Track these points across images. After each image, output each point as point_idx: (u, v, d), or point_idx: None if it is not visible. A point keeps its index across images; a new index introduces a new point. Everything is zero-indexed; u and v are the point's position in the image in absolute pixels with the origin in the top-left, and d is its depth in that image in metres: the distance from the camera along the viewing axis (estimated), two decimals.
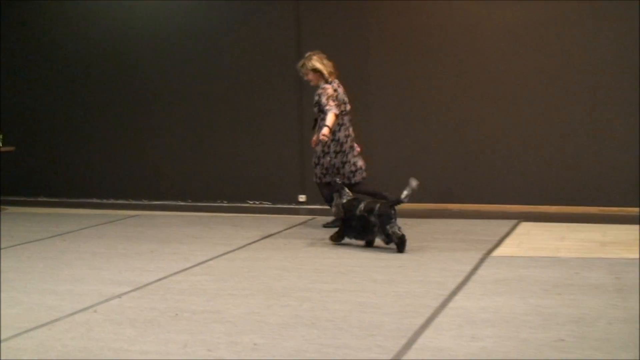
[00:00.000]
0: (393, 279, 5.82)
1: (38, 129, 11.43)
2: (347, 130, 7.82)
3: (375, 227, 6.85)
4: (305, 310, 5.02)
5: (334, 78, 7.85)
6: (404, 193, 6.84)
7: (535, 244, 7.05)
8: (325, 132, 7.48)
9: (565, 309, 4.89)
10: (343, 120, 7.78)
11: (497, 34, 9.06)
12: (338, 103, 7.67)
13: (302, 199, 9.86)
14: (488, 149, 9.16)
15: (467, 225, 8.12)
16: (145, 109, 10.80)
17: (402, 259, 6.50)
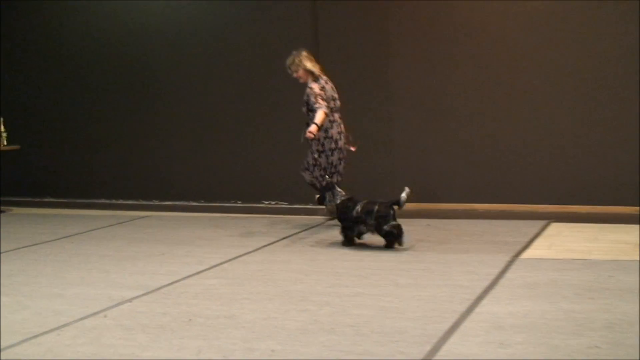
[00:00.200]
0: (417, 283, 5.82)
1: (44, 127, 11.50)
2: (339, 127, 8.15)
3: (372, 227, 7.05)
4: (325, 315, 5.02)
5: (322, 75, 8.19)
6: (402, 196, 7.01)
7: (566, 246, 7.02)
8: (313, 129, 7.76)
9: (599, 314, 4.87)
10: (334, 117, 8.10)
11: (520, 31, 9.03)
12: (327, 101, 7.96)
13: None
14: (516, 147, 9.13)
15: (494, 226, 8.10)
16: (157, 107, 10.85)
17: (426, 262, 6.49)
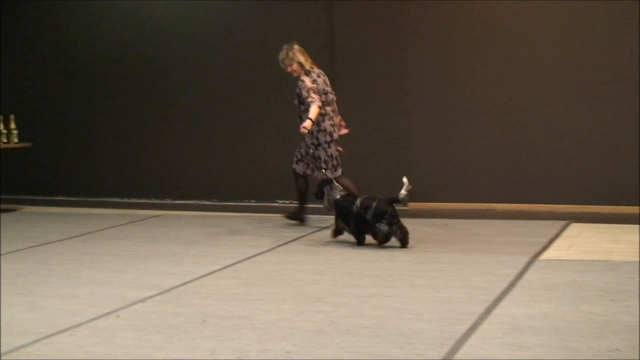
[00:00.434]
0: (433, 284, 5.82)
1: (56, 125, 11.57)
2: (331, 120, 8.28)
3: (369, 222, 7.15)
4: (340, 317, 5.03)
5: (314, 68, 8.32)
6: (402, 192, 7.06)
7: (587, 247, 7.01)
8: (307, 124, 7.94)
9: (620, 317, 4.86)
10: (325, 111, 8.22)
11: (540, 29, 9.03)
12: (319, 94, 8.11)
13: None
14: (534, 145, 9.12)
15: (512, 227, 8.10)
16: (169, 106, 10.90)
17: (443, 262, 6.49)
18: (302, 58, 8.29)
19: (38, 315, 5.32)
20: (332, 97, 8.32)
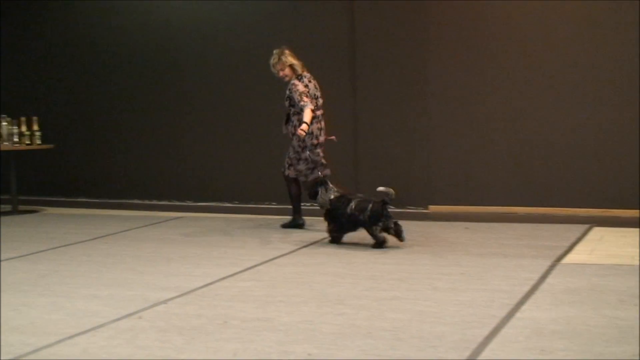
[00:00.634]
0: (455, 287, 5.81)
1: (78, 127, 11.65)
2: (319, 124, 8.34)
3: (365, 224, 7.28)
4: (362, 319, 5.04)
5: (305, 72, 8.40)
6: (387, 193, 7.21)
7: (609, 251, 6.98)
8: (305, 127, 8.01)
9: None
10: (315, 114, 8.26)
11: (564, 30, 9.00)
12: (311, 98, 8.19)
13: None
14: (556, 149, 9.08)
15: (534, 230, 8.07)
16: (191, 108, 10.95)
17: (464, 266, 6.48)
18: (294, 61, 8.36)
19: (61, 316, 5.35)
20: (321, 101, 8.38)
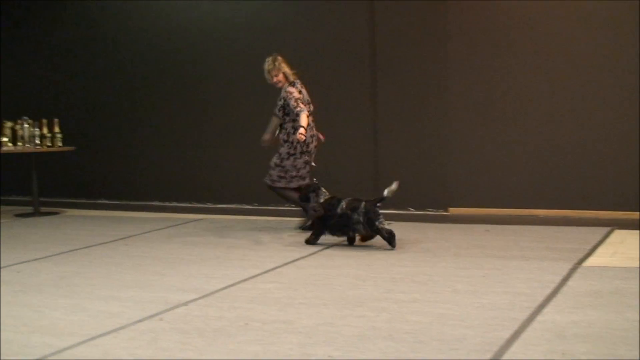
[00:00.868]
0: (476, 289, 5.80)
1: (99, 130, 11.72)
2: (311, 131, 8.35)
3: (359, 224, 7.37)
4: (382, 322, 5.03)
5: (297, 79, 8.46)
6: (386, 191, 7.34)
7: (631, 254, 6.93)
8: (303, 132, 8.00)
9: None
10: (308, 121, 8.26)
11: (585, 32, 8.96)
12: (305, 104, 8.24)
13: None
14: (578, 151, 9.04)
15: (554, 233, 8.04)
16: (211, 110, 10.99)
17: (485, 268, 6.46)
18: (287, 69, 8.40)
19: (82, 317, 5.38)
20: (312, 108, 8.40)
